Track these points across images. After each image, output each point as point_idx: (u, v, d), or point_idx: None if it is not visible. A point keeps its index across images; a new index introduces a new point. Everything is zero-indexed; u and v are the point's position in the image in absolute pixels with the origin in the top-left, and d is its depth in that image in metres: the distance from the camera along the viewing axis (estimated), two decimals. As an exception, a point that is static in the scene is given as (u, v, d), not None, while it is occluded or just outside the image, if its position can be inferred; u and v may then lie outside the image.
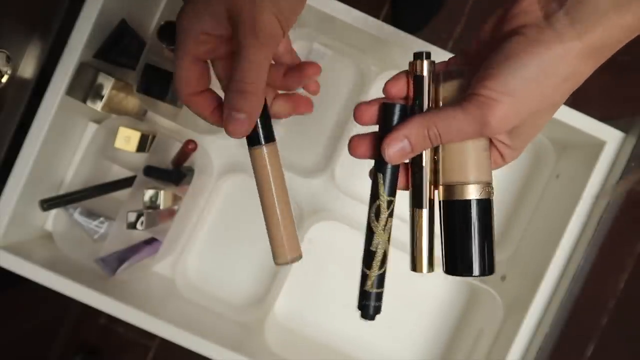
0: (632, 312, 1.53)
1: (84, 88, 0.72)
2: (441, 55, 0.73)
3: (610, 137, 0.73)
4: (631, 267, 1.52)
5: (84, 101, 0.73)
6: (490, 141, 0.38)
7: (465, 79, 0.36)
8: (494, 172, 0.39)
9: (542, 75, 0.32)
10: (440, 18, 1.53)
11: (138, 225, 0.73)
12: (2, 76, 0.64)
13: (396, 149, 0.36)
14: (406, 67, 0.39)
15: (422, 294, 0.89)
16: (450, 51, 0.72)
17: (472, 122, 0.34)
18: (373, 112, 0.39)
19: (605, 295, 1.52)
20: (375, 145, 0.39)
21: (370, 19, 0.72)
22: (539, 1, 0.33)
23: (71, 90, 0.72)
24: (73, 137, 0.82)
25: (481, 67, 0.34)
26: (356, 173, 0.86)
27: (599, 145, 0.74)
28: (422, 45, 0.73)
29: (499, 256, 0.83)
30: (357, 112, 0.39)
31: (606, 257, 1.50)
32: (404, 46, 0.73)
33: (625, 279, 1.52)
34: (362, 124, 0.40)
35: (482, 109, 0.33)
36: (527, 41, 0.32)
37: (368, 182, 0.62)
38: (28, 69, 0.68)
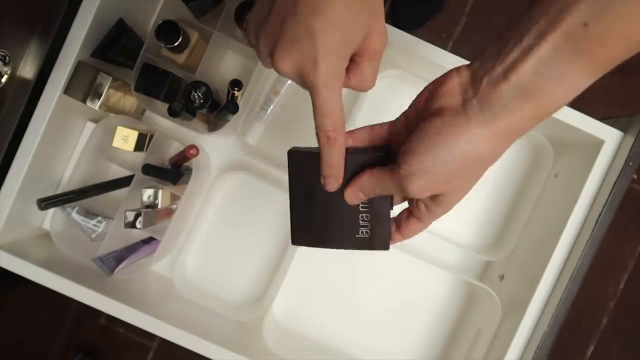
0: (632, 312, 1.52)
1: (83, 88, 0.72)
2: (441, 55, 0.73)
3: (608, 136, 0.73)
4: (631, 267, 1.52)
5: (84, 101, 0.73)
6: (412, 202, 0.45)
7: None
8: (494, 172, 0.41)
9: (451, 156, 0.37)
10: (440, 18, 1.53)
11: (136, 224, 0.73)
12: (2, 76, 0.64)
13: (352, 195, 0.45)
14: (406, 67, 0.40)
15: (420, 293, 0.89)
16: (450, 51, 0.72)
17: (399, 188, 0.41)
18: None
19: (605, 295, 1.52)
20: None
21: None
22: (461, 86, 0.37)
23: (71, 90, 0.72)
24: (71, 136, 0.82)
25: (407, 140, 0.40)
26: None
27: (597, 145, 0.74)
28: (422, 45, 0.73)
29: (498, 255, 0.83)
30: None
31: (606, 257, 1.50)
32: (404, 46, 0.73)
33: (625, 279, 1.52)
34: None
35: (402, 181, 0.39)
36: (441, 124, 0.37)
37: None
38: (28, 69, 0.68)
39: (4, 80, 0.65)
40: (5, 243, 0.74)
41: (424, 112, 0.40)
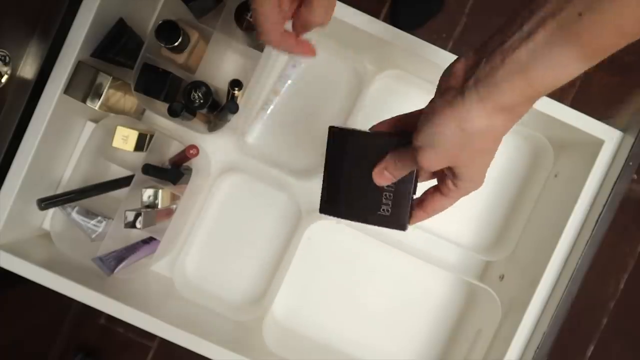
0: (632, 312, 1.52)
1: (84, 88, 0.73)
2: (441, 55, 0.73)
3: (608, 136, 0.73)
4: (631, 267, 1.52)
5: (84, 101, 0.73)
6: (440, 178, 0.49)
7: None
8: (495, 172, 0.43)
9: (449, 130, 0.41)
10: (440, 18, 1.53)
11: (136, 224, 0.73)
12: (2, 76, 0.64)
13: (378, 175, 0.50)
14: (406, 67, 0.42)
15: (420, 293, 0.89)
16: (450, 51, 0.72)
17: (415, 163, 0.45)
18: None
19: (605, 295, 1.52)
20: None
21: (372, 19, 0.72)
22: (465, 69, 0.41)
23: (71, 90, 0.72)
24: (71, 136, 0.82)
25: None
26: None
27: (597, 144, 0.74)
28: (422, 45, 0.73)
29: (498, 255, 0.83)
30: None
31: (606, 257, 1.50)
32: (404, 46, 0.73)
33: (625, 279, 1.52)
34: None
35: (415, 154, 0.44)
36: (441, 102, 0.41)
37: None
38: (28, 69, 0.68)
39: (4, 80, 0.65)
40: (5, 243, 0.74)
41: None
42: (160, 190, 0.77)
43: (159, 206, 0.77)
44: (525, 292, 0.76)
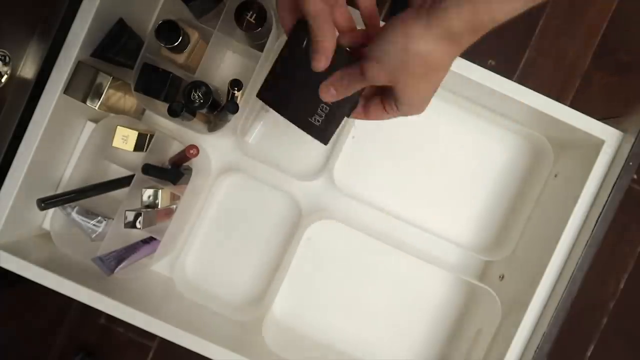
0: (632, 312, 1.52)
1: (84, 88, 0.72)
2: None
3: (608, 136, 0.73)
4: (631, 267, 1.52)
5: (84, 101, 0.73)
6: (386, 96, 0.51)
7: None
8: (494, 172, 0.42)
9: (394, 48, 0.42)
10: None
11: (136, 224, 0.73)
12: (2, 76, 0.64)
13: (324, 90, 0.51)
14: None
15: (420, 293, 0.89)
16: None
17: (361, 77, 0.47)
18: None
19: (605, 295, 1.52)
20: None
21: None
22: None
23: (71, 90, 0.72)
24: (71, 136, 0.82)
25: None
26: (354, 173, 0.86)
27: (597, 144, 0.74)
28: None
29: (498, 256, 0.83)
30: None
31: (606, 257, 1.50)
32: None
33: (625, 279, 1.52)
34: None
35: (363, 66, 0.46)
36: (395, 20, 0.42)
37: (366, 182, 0.62)
38: (28, 69, 0.68)
39: (4, 80, 0.65)
40: (5, 243, 0.74)
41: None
42: (160, 190, 0.77)
43: (159, 206, 0.77)
44: (525, 292, 0.76)
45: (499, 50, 1.50)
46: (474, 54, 0.38)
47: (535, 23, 1.51)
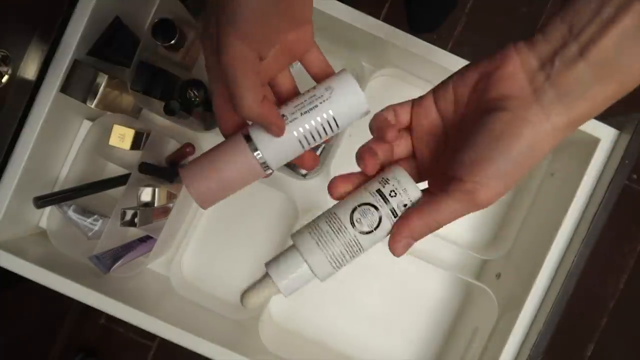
0: (632, 312, 1.52)
1: (80, 86, 0.73)
2: (441, 55, 0.72)
3: (604, 134, 0.73)
4: (631, 267, 1.52)
5: (81, 99, 0.73)
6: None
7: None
8: None
9: (529, 154, 0.32)
10: (439, 18, 1.53)
11: (133, 223, 0.73)
12: (2, 76, 0.64)
13: (402, 246, 0.37)
14: (403, 66, 0.39)
15: (417, 292, 0.89)
16: (450, 51, 0.71)
17: (462, 207, 0.34)
18: (348, 187, 0.41)
19: (604, 295, 1.52)
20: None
21: (368, 16, 0.72)
22: (524, 67, 0.32)
23: (68, 89, 0.72)
24: (67, 134, 0.82)
25: (464, 145, 0.34)
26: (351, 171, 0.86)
27: (593, 143, 0.74)
28: (421, 45, 0.73)
29: (495, 254, 0.83)
30: (332, 187, 0.41)
31: (605, 257, 1.50)
32: (403, 46, 0.72)
33: (625, 279, 1.52)
34: (335, 198, 0.42)
35: (471, 194, 0.33)
36: (514, 120, 0.32)
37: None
38: (28, 69, 0.69)
39: (4, 80, 0.65)
40: (1, 241, 0.74)
41: (478, 104, 0.35)
42: (157, 189, 0.77)
43: (156, 204, 0.77)
44: (522, 290, 0.75)
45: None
46: (475, 54, 0.36)
47: (535, 23, 1.51)
